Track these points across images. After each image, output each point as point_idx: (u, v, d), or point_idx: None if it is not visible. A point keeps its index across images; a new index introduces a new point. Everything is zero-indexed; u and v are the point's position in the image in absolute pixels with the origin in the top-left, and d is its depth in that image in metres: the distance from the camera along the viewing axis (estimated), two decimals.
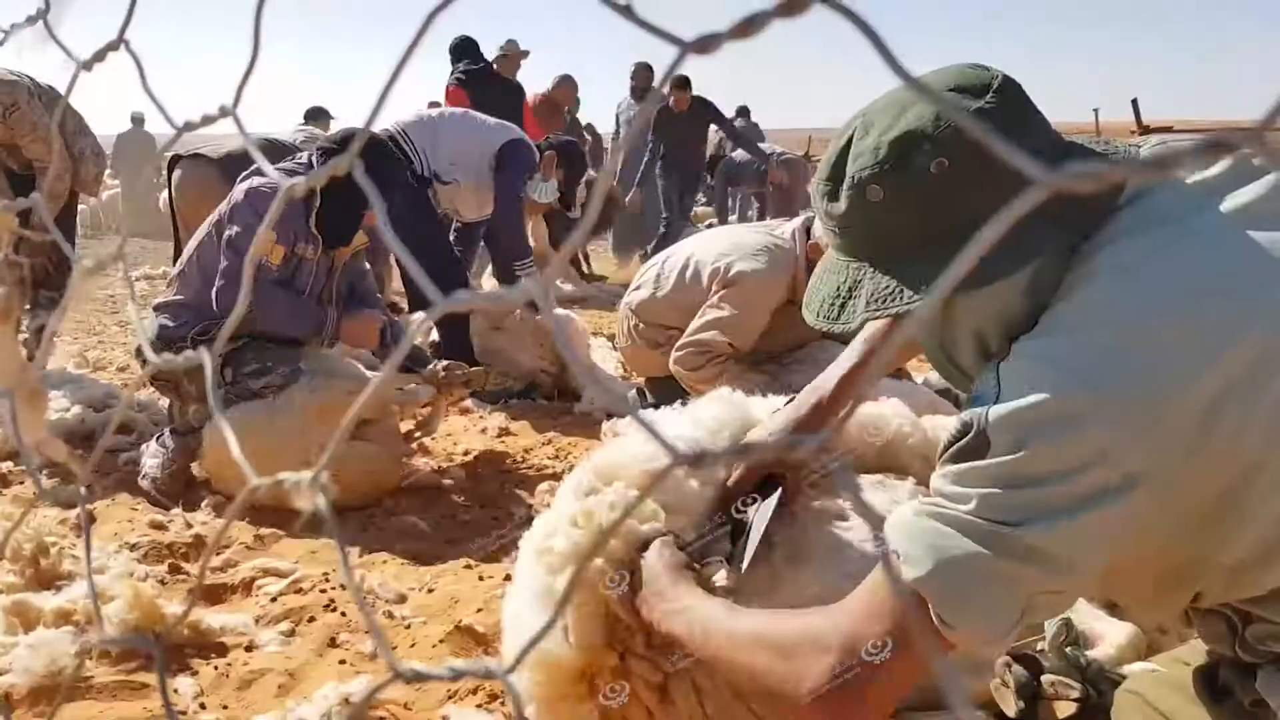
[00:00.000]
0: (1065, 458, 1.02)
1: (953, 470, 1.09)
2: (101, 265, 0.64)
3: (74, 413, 3.98)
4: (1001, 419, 1.05)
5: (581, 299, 7.75)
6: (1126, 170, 0.26)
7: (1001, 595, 1.06)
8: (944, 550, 1.06)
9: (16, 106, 4.31)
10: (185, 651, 2.18)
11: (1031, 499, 1.03)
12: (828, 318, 1.23)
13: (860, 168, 1.16)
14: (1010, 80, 1.13)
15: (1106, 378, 1.02)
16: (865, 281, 1.19)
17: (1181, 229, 1.10)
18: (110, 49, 0.65)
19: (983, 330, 1.19)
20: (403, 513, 3.12)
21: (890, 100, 1.18)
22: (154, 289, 8.13)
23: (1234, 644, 1.22)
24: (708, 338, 3.56)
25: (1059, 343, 1.07)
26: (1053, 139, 1.16)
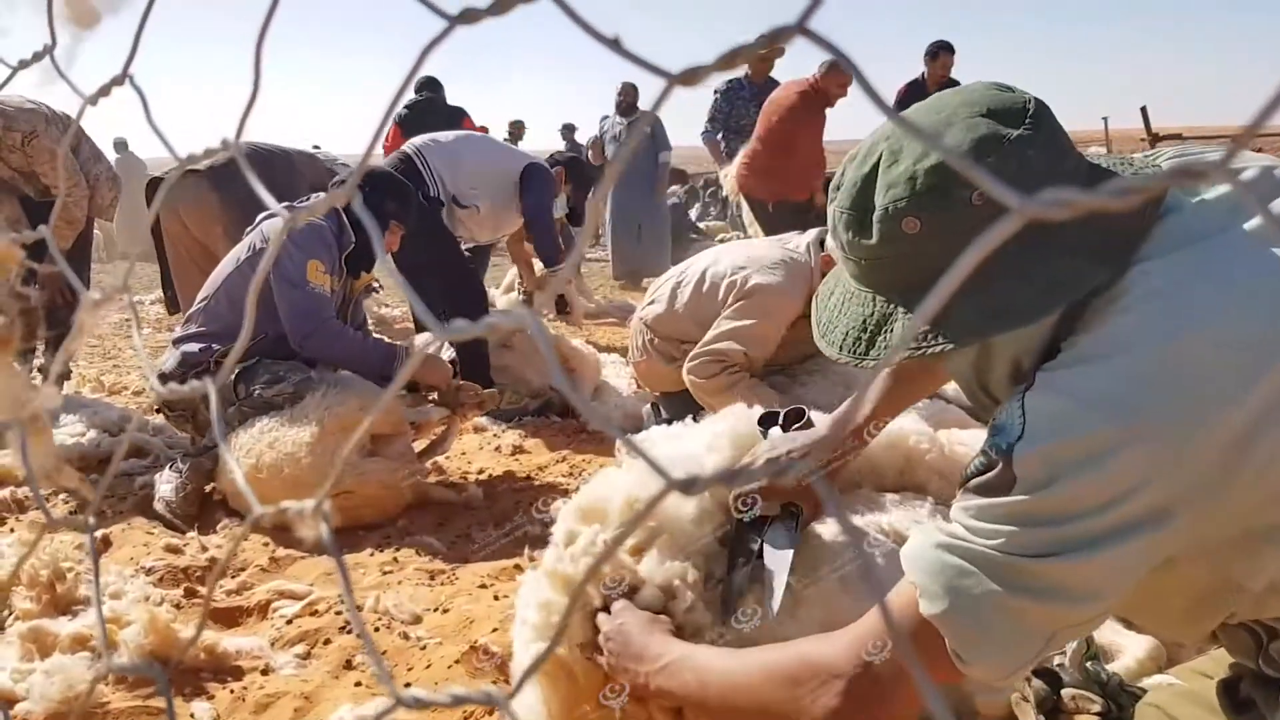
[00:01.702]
0: (1093, 495, 1.00)
1: (976, 504, 1.07)
2: (108, 297, 0.65)
3: (89, 437, 4.00)
4: (1027, 457, 1.02)
5: (595, 314, 7.76)
6: (1108, 196, 0.27)
7: (1020, 634, 1.05)
8: (963, 589, 1.04)
9: (35, 134, 4.35)
10: (201, 675, 2.18)
11: (1058, 535, 1.01)
12: (853, 352, 1.19)
13: (894, 198, 1.10)
14: (1041, 104, 1.10)
15: (1135, 410, 1.00)
16: (897, 316, 1.15)
17: (1208, 248, 1.06)
18: (115, 84, 0.66)
19: (1020, 359, 1.17)
20: (417, 532, 3.13)
21: (920, 121, 1.13)
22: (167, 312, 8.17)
23: (1258, 658, 1.21)
24: (723, 347, 3.55)
25: (1085, 375, 1.04)
26: (1079, 163, 1.12)
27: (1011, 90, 1.13)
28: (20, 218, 4.62)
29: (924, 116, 1.13)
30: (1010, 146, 1.06)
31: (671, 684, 1.32)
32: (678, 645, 1.38)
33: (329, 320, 3.41)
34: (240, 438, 3.20)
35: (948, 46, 7.64)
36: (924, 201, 1.08)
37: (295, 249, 3.34)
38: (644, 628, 1.44)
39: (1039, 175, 1.06)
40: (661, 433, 2.02)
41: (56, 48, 0.75)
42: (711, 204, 15.20)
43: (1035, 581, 1.02)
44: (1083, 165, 1.13)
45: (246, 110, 0.58)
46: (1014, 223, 0.29)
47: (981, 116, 1.09)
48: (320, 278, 3.39)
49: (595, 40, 0.38)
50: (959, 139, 1.07)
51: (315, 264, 3.38)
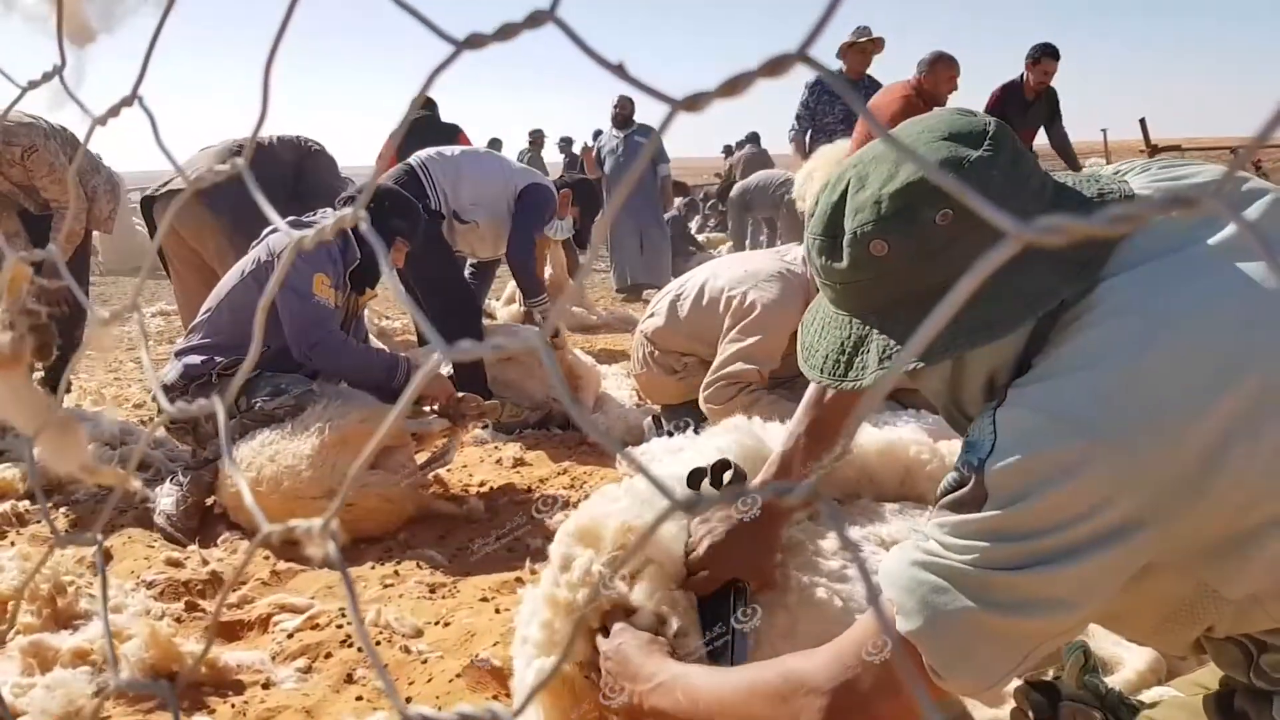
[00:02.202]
0: (1065, 509, 1.01)
1: (949, 520, 1.08)
2: (117, 316, 0.65)
3: (91, 450, 4.00)
4: (998, 472, 1.04)
5: (598, 326, 7.77)
6: (1100, 224, 0.27)
7: (997, 648, 1.06)
8: (939, 605, 1.05)
9: (34, 149, 4.36)
10: (202, 690, 2.18)
11: (1029, 549, 1.02)
12: (833, 374, 1.21)
13: (861, 222, 1.13)
14: (1001, 125, 1.13)
15: (1105, 423, 1.01)
16: (873, 337, 1.17)
17: (1173, 263, 1.08)
18: (125, 104, 0.67)
19: (994, 375, 1.18)
20: (419, 545, 3.13)
21: (883, 151, 1.15)
22: (169, 324, 8.18)
23: (1249, 671, 1.21)
24: (735, 370, 3.57)
25: (1053, 390, 1.05)
26: (1043, 182, 1.14)
27: (973, 114, 1.15)
28: (20, 231, 4.63)
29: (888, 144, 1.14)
30: (971, 168, 1.08)
31: (664, 703, 1.34)
32: (672, 665, 1.40)
33: (334, 332, 3.42)
34: (241, 450, 3.20)
35: (1051, 51, 7.25)
36: (890, 224, 1.11)
37: (301, 262, 3.36)
38: (641, 648, 1.45)
39: (1002, 195, 1.08)
40: (663, 446, 2.03)
41: (65, 68, 0.76)
42: (711, 216, 15.22)
43: (1009, 595, 1.03)
44: (1049, 184, 1.14)
45: (255, 131, 0.59)
46: (1010, 248, 0.30)
47: (942, 140, 1.11)
48: (325, 291, 3.41)
49: (600, 66, 0.38)
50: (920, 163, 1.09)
51: (321, 277, 3.40)
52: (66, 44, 0.77)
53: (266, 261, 3.51)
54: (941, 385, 1.25)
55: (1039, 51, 7.23)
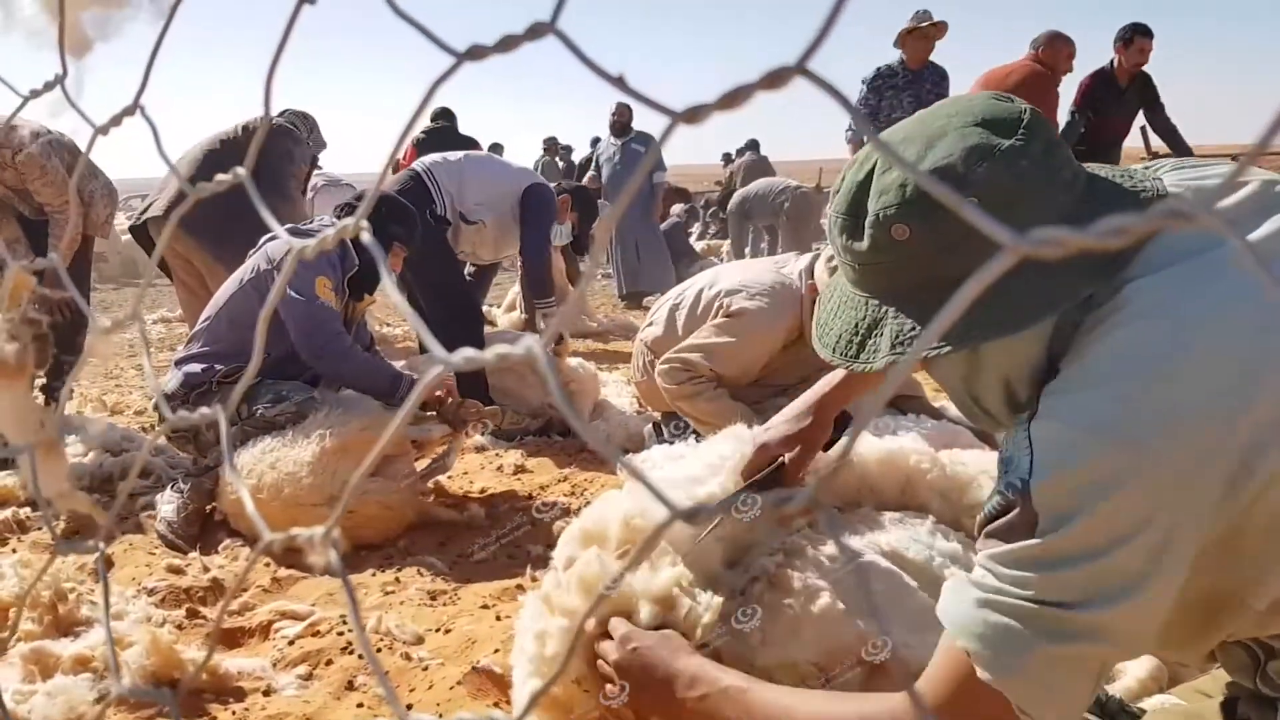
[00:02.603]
0: (1114, 525, 1.00)
1: (1002, 551, 1.07)
2: (119, 324, 0.65)
3: (91, 457, 4.01)
4: (1044, 493, 1.02)
5: (600, 333, 7.78)
6: (1095, 237, 0.27)
7: (1077, 678, 1.05)
8: (1013, 647, 1.04)
9: (23, 149, 4.36)
10: (204, 697, 2.18)
11: (1091, 575, 1.01)
12: (845, 354, 1.19)
13: (885, 205, 1.11)
14: (1037, 114, 1.11)
15: (1141, 433, 1.00)
16: (888, 320, 1.16)
17: (1198, 265, 1.06)
18: (126, 114, 0.67)
19: (1010, 379, 1.17)
20: (419, 552, 3.13)
21: (912, 131, 1.14)
22: (170, 331, 8.19)
23: (1255, 677, 1.21)
24: (690, 358, 3.65)
25: (1088, 399, 1.04)
26: (1076, 173, 1.12)
27: (1010, 100, 1.13)
28: (20, 237, 4.64)
29: (922, 125, 1.14)
30: (1002, 156, 1.06)
31: (730, 714, 1.28)
32: (714, 671, 1.34)
33: (340, 334, 3.43)
34: (242, 458, 3.20)
35: (1144, 30, 6.55)
36: (913, 209, 1.09)
37: (302, 267, 3.36)
38: (664, 648, 1.40)
39: (1033, 185, 1.07)
40: (663, 453, 2.03)
41: (67, 78, 0.76)
42: (712, 223, 15.23)
43: (1077, 628, 1.02)
44: (1081, 176, 1.13)
45: (260, 140, 0.59)
46: (1007, 259, 0.30)
47: (975, 126, 1.09)
48: (328, 294, 3.42)
49: (600, 78, 0.39)
50: (950, 148, 1.08)
51: (323, 280, 3.41)
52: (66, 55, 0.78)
53: (266, 270, 3.51)
54: (956, 375, 1.24)
55: (1130, 31, 6.58)
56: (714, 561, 1.63)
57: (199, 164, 4.67)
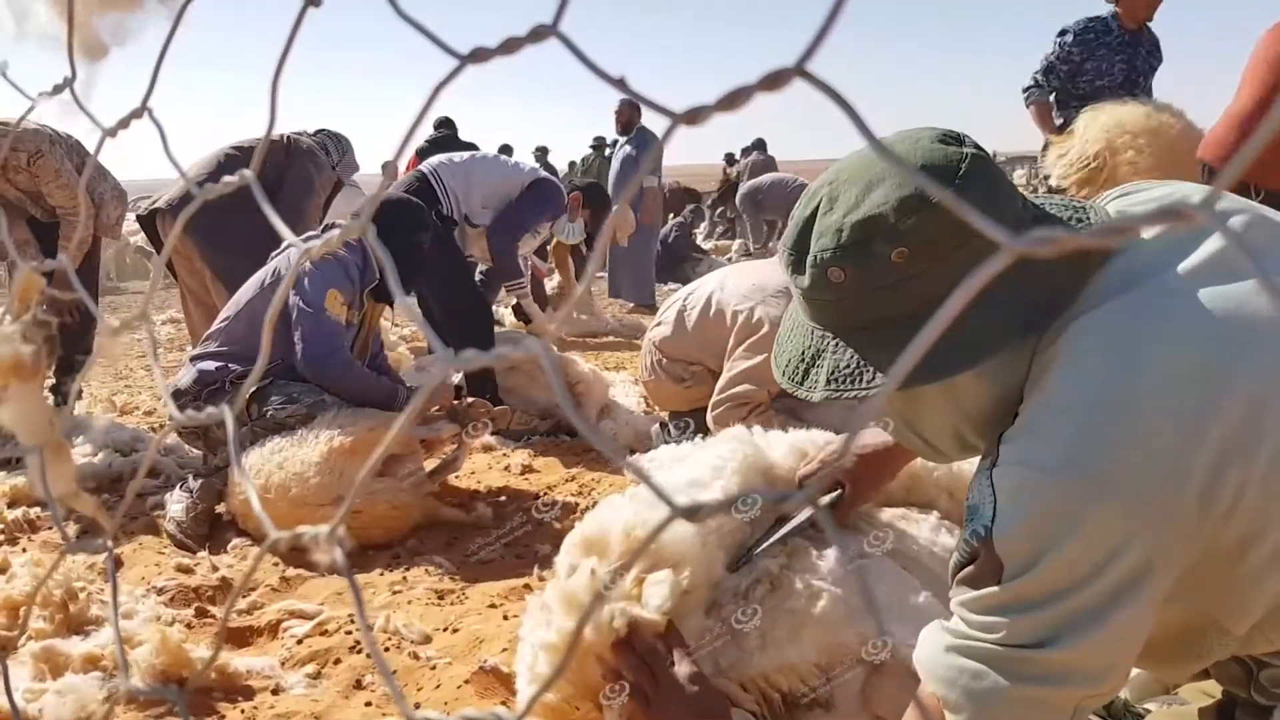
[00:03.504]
0: (1080, 564, 1.01)
1: (971, 597, 1.09)
2: (127, 324, 0.66)
3: (101, 457, 4.03)
4: (1007, 539, 1.04)
5: (604, 333, 7.78)
6: (1089, 237, 0.28)
7: (1045, 718, 1.06)
8: (981, 692, 1.06)
9: (40, 154, 4.38)
10: (212, 695, 2.19)
11: (1057, 615, 1.02)
12: (792, 379, 1.23)
13: (822, 247, 1.14)
14: (978, 158, 1.11)
15: (1101, 469, 1.00)
16: (828, 353, 1.18)
17: (1145, 293, 1.07)
18: (134, 116, 0.68)
19: (959, 426, 1.19)
20: (427, 551, 3.13)
21: (856, 171, 1.15)
22: (179, 332, 8.21)
23: (1249, 687, 1.22)
24: (741, 390, 3.58)
25: (1044, 442, 1.05)
26: (1020, 215, 1.13)
27: (958, 142, 1.13)
28: (30, 239, 4.66)
29: (867, 166, 1.15)
30: (935, 207, 1.07)
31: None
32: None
33: (341, 350, 3.44)
34: (250, 457, 3.21)
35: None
36: (848, 254, 1.11)
37: (318, 275, 3.39)
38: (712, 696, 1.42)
39: (968, 232, 1.06)
40: (669, 454, 2.03)
41: (76, 80, 0.77)
42: (719, 223, 15.23)
43: (1045, 670, 1.03)
44: (1026, 215, 1.14)
45: (264, 144, 0.59)
46: (1004, 259, 0.30)
47: (917, 169, 1.09)
48: (338, 309, 3.44)
49: (602, 80, 0.39)
50: (886, 195, 1.10)
51: (335, 294, 3.43)
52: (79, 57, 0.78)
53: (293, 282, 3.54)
54: (896, 415, 1.26)
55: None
56: (716, 564, 1.63)
57: (213, 168, 4.67)
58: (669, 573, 1.52)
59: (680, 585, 1.51)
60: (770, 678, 1.51)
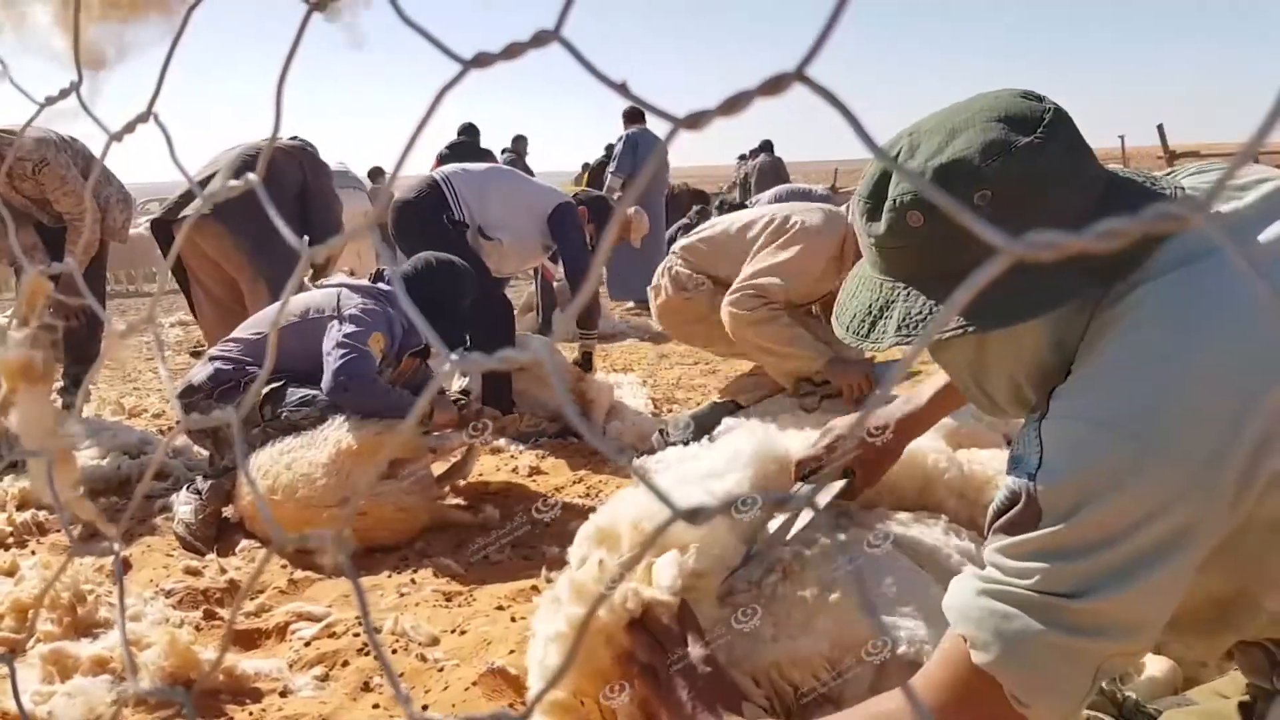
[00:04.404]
0: (1119, 519, 1.01)
1: (1008, 543, 1.08)
2: (135, 328, 0.66)
3: (109, 460, 4.04)
4: (1050, 487, 1.04)
5: (610, 334, 7.78)
6: (1092, 239, 0.28)
7: (1073, 669, 1.06)
8: (1011, 633, 1.05)
9: (46, 162, 4.40)
10: (220, 697, 2.20)
11: (1092, 567, 1.02)
12: (857, 334, 1.21)
13: (902, 191, 1.14)
14: (1061, 114, 1.12)
15: (1150, 429, 1.00)
16: (899, 302, 1.17)
17: (1203, 269, 1.07)
18: (140, 120, 0.68)
19: (1015, 372, 1.18)
20: (435, 554, 3.14)
21: (939, 122, 1.16)
22: (188, 334, 8.23)
23: (1273, 677, 1.21)
24: (763, 283, 3.57)
25: (1097, 398, 1.05)
26: (1097, 175, 1.13)
27: (1039, 100, 1.14)
28: (37, 244, 4.67)
29: (949, 117, 1.15)
30: (1018, 153, 1.07)
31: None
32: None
33: (373, 381, 3.47)
34: (259, 458, 3.22)
35: None
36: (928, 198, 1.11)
37: (365, 319, 3.50)
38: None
39: (1047, 184, 1.08)
40: (678, 454, 2.03)
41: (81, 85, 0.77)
42: None
43: (1077, 619, 1.03)
44: (1101, 177, 1.14)
45: (269, 146, 0.60)
46: (1002, 262, 0.30)
47: (997, 121, 1.10)
48: (378, 350, 3.52)
49: (604, 84, 0.39)
50: (970, 141, 1.10)
51: (379, 336, 3.51)
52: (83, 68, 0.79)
53: (330, 316, 3.55)
54: (963, 362, 1.26)
55: None
56: (729, 549, 1.63)
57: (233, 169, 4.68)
58: (675, 553, 1.52)
59: (688, 565, 1.51)
60: (783, 669, 1.50)
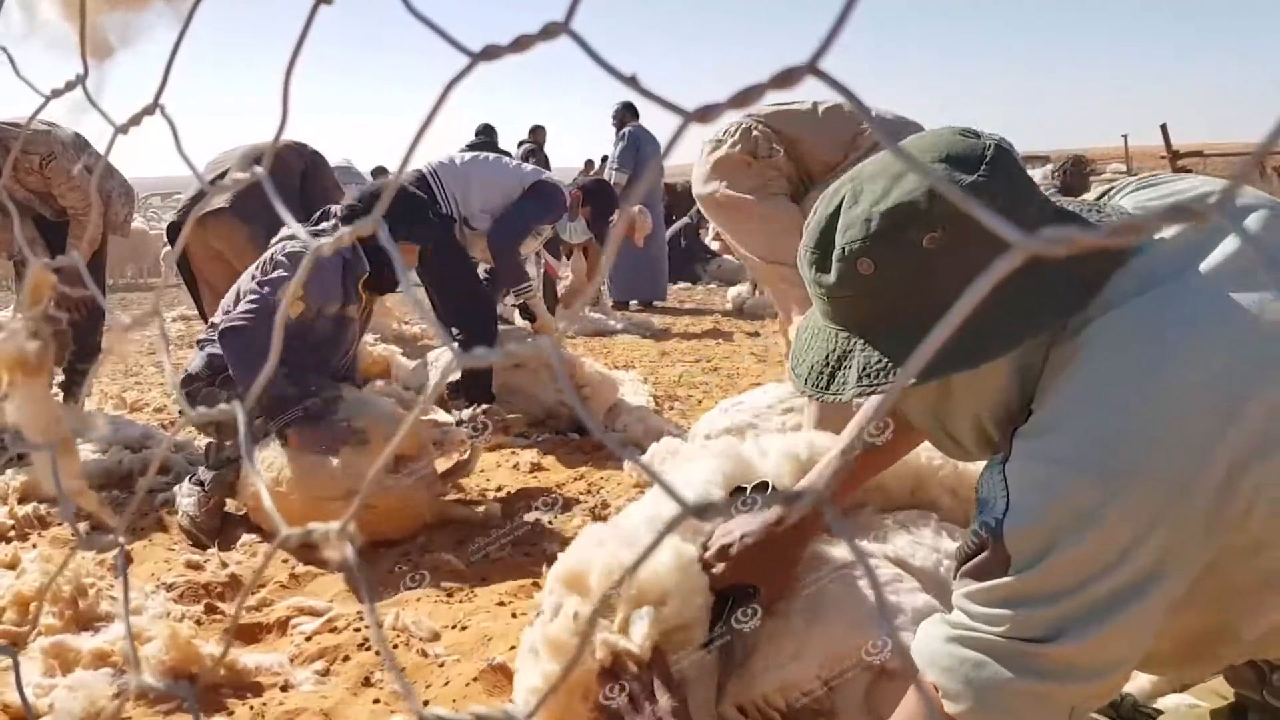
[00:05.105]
0: (1087, 563, 1.00)
1: (976, 589, 1.08)
2: (139, 322, 0.66)
3: (111, 453, 4.05)
4: (1017, 532, 1.03)
5: (613, 330, 7.79)
6: (1099, 236, 0.28)
7: (1048, 713, 1.05)
8: (981, 682, 1.05)
9: (52, 156, 4.39)
10: (221, 691, 2.20)
11: (1062, 612, 1.01)
12: (816, 385, 1.20)
13: (850, 239, 1.12)
14: (1001, 149, 1.11)
15: (1116, 466, 1.00)
16: (856, 353, 1.16)
17: (1166, 293, 1.06)
18: (146, 113, 0.68)
19: (980, 414, 1.17)
20: (436, 549, 3.14)
21: (880, 168, 1.15)
22: (190, 329, 8.24)
23: (1261, 690, 1.22)
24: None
25: (1059, 438, 1.04)
26: (1044, 208, 1.13)
27: (976, 136, 1.14)
28: (36, 237, 4.67)
29: (890, 161, 1.14)
30: (961, 192, 1.06)
31: None
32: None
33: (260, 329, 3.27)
34: (265, 451, 3.23)
35: None
36: (877, 243, 1.10)
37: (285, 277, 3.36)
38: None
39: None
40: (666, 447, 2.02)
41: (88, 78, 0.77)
42: None
43: (1048, 664, 1.02)
44: (1048, 209, 1.13)
45: (275, 139, 0.59)
46: (1015, 258, 0.30)
47: (939, 162, 1.10)
48: (295, 305, 3.36)
49: (614, 78, 0.39)
50: (914, 184, 1.09)
51: (299, 288, 3.38)
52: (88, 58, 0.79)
53: (261, 265, 3.49)
54: (927, 408, 1.25)
55: None
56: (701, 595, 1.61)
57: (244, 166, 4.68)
58: (650, 609, 1.51)
59: (662, 617, 1.50)
60: (770, 698, 1.51)
